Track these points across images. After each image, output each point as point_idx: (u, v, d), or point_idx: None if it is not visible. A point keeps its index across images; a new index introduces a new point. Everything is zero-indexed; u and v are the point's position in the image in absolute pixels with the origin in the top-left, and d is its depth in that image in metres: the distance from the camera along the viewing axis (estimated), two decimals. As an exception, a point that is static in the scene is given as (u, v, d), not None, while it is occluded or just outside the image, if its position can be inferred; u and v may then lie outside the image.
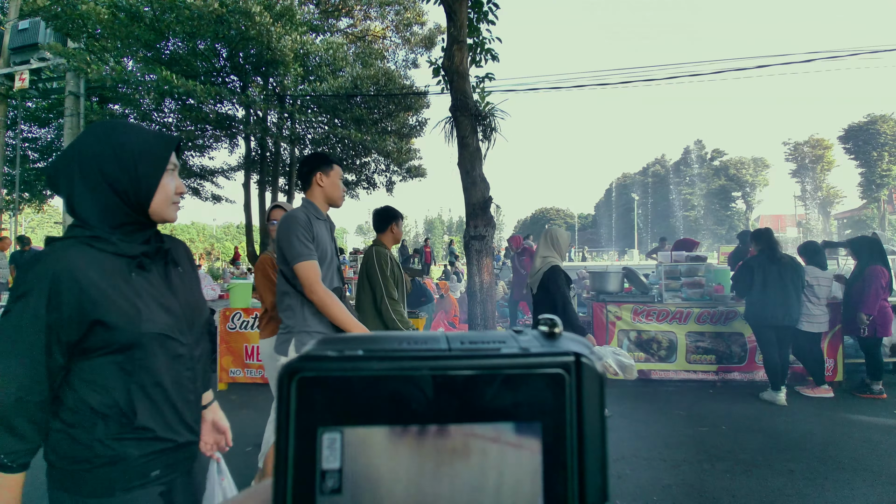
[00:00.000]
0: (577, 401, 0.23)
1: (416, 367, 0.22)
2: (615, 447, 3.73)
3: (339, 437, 0.22)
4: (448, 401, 0.22)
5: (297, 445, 0.22)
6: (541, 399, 0.22)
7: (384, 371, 0.22)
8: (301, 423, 0.22)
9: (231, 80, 11.15)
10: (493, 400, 0.22)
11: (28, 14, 11.11)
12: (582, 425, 0.22)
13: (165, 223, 1.16)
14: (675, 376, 5.43)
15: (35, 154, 14.50)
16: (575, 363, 0.23)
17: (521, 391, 0.22)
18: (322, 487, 0.21)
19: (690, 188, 52.08)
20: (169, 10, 8.75)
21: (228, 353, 5.56)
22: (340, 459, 0.21)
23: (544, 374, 0.23)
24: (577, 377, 0.23)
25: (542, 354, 0.23)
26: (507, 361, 0.23)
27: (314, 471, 0.21)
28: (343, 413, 0.22)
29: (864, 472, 3.25)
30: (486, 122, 5.98)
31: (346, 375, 0.22)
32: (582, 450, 0.22)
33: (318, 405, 0.22)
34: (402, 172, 14.02)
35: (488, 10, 6.16)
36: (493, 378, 0.22)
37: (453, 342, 0.24)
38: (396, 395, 0.22)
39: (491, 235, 5.56)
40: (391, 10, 12.87)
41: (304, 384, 0.22)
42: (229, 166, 13.96)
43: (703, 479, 3.21)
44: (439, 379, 0.22)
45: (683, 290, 5.61)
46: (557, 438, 0.22)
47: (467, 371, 0.22)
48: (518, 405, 0.22)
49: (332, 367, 0.22)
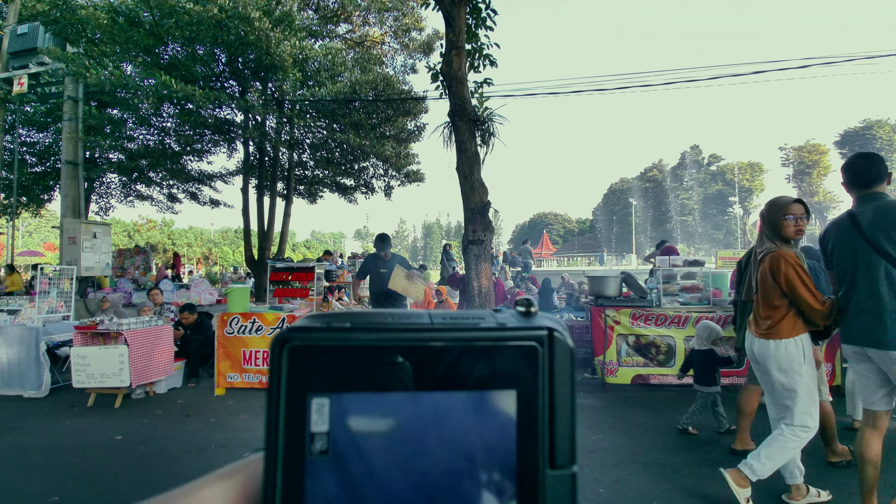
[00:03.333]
0: (550, 371, 0.24)
1: (400, 339, 0.24)
2: (614, 452, 3.73)
3: (327, 403, 0.23)
4: (429, 370, 0.24)
5: (288, 410, 0.23)
6: (516, 369, 0.24)
7: (369, 341, 0.24)
8: (291, 389, 0.23)
9: (230, 84, 11.16)
10: (472, 370, 0.24)
11: (27, 18, 11.13)
12: (553, 394, 0.24)
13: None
14: (673, 381, 5.42)
15: (33, 158, 14.46)
16: (548, 337, 0.24)
17: (498, 362, 0.24)
18: (311, 449, 0.23)
19: (688, 193, 52.23)
20: (168, 16, 8.77)
21: (226, 357, 5.54)
22: (328, 423, 0.23)
23: (519, 347, 0.24)
24: (550, 349, 0.24)
25: (517, 328, 0.25)
26: (485, 334, 0.24)
27: (304, 434, 0.23)
28: (331, 380, 0.23)
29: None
30: (485, 126, 6.00)
31: (333, 345, 0.23)
32: (553, 416, 0.24)
33: (308, 373, 0.23)
34: (400, 177, 14.02)
35: (486, 16, 6.20)
36: (472, 349, 0.24)
37: (435, 318, 0.25)
38: (381, 364, 0.23)
39: (489, 240, 5.57)
40: (390, 15, 12.92)
41: (294, 353, 0.23)
42: (228, 171, 13.94)
43: (701, 483, 3.20)
44: (421, 349, 0.24)
45: (681, 295, 5.62)
46: (531, 406, 0.24)
47: (447, 343, 0.24)
48: (495, 375, 0.24)
49: (321, 336, 0.24)
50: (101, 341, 5.20)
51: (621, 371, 5.46)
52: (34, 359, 5.48)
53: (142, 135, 12.22)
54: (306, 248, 61.07)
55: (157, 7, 8.70)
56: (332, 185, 14.73)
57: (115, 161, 12.71)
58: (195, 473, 1.00)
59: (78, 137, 10.22)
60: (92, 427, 4.46)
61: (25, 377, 5.49)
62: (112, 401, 5.09)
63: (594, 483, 3.22)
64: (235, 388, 5.51)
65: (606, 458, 3.59)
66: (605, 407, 4.87)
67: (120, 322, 5.24)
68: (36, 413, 4.92)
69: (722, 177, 51.02)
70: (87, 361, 4.97)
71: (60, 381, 5.83)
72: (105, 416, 4.79)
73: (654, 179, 56.29)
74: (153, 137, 12.18)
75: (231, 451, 3.84)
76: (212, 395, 5.45)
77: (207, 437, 4.14)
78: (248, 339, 5.51)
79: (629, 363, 5.47)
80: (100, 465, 3.62)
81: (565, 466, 0.24)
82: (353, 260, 13.04)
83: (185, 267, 31.22)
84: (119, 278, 12.06)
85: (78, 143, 10.35)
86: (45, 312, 6.08)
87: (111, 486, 3.27)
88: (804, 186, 47.64)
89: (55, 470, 3.55)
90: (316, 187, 14.91)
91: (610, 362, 5.46)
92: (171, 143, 12.10)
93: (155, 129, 11.92)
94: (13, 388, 5.52)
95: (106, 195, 15.28)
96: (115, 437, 4.16)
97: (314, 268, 6.50)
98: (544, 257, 40.43)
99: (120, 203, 15.71)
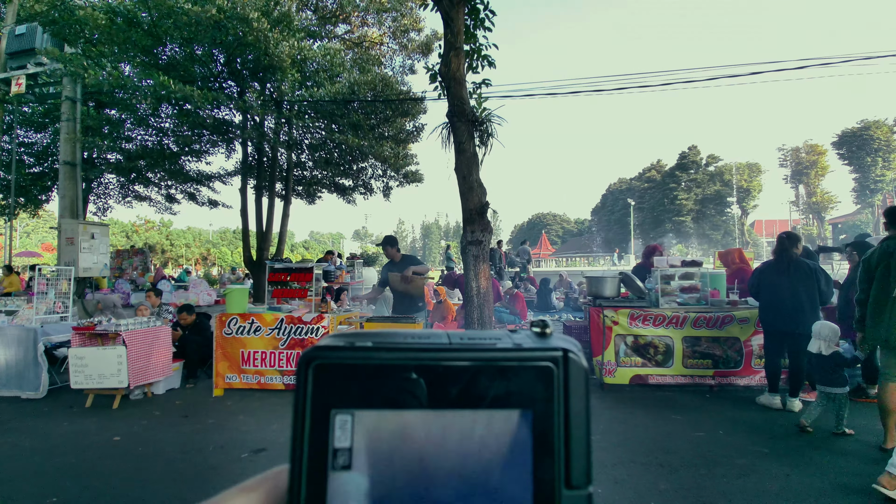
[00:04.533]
0: (565, 392, 0.24)
1: (420, 358, 0.25)
2: (613, 452, 3.73)
3: (350, 419, 0.24)
4: (448, 389, 0.24)
5: (312, 426, 0.24)
6: (532, 389, 0.24)
7: (391, 360, 0.24)
8: (316, 405, 0.24)
9: (228, 85, 11.15)
10: (489, 389, 0.24)
11: (25, 19, 11.11)
12: (568, 414, 0.24)
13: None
14: (672, 381, 5.43)
15: (31, 159, 14.44)
16: (563, 357, 0.25)
17: (514, 382, 0.24)
18: (334, 464, 0.24)
19: (686, 193, 52.28)
20: (166, 16, 8.75)
21: (224, 358, 5.53)
22: (351, 439, 0.24)
23: (535, 367, 0.25)
24: (565, 370, 0.25)
25: (533, 349, 0.25)
26: (502, 355, 0.25)
27: (327, 449, 0.24)
28: (354, 397, 0.24)
29: (860, 477, 3.25)
30: (483, 127, 6.00)
31: (356, 364, 0.24)
32: (568, 436, 0.24)
33: (332, 390, 0.24)
34: (399, 178, 14.02)
35: (485, 17, 6.20)
36: (489, 369, 0.24)
37: (453, 338, 0.26)
38: (402, 383, 0.24)
39: (488, 240, 5.57)
40: (388, 16, 12.91)
41: (319, 371, 0.24)
42: (226, 171, 13.91)
43: (700, 483, 3.21)
44: (440, 369, 0.24)
45: (680, 295, 5.63)
46: (546, 425, 0.24)
47: (465, 363, 0.24)
48: (511, 395, 0.24)
49: (345, 356, 0.24)
50: (99, 342, 5.19)
51: (620, 371, 5.47)
52: (32, 360, 5.47)
53: (140, 135, 12.21)
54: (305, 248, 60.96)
55: (155, 7, 8.69)
56: (330, 186, 14.72)
57: (113, 161, 12.70)
58: (193, 474, 1.01)
59: (76, 138, 10.20)
60: (90, 428, 4.45)
61: (23, 378, 5.48)
62: (110, 402, 5.08)
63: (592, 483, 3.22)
64: (234, 389, 5.51)
65: (605, 458, 3.59)
66: (604, 407, 4.88)
67: (118, 323, 5.23)
68: (34, 414, 4.91)
69: (720, 177, 51.08)
70: (85, 362, 4.96)
71: (58, 381, 5.82)
72: (103, 417, 4.78)
73: (653, 180, 56.34)
74: (151, 138, 12.17)
75: (229, 451, 3.84)
76: (210, 395, 5.44)
77: (206, 438, 4.13)
78: (247, 340, 5.51)
79: (627, 363, 5.48)
80: (98, 466, 3.61)
81: (581, 487, 0.24)
82: (351, 261, 13.04)
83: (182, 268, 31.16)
84: (117, 279, 12.04)
85: (76, 144, 10.32)
86: (43, 313, 6.07)
87: (109, 488, 3.27)
88: (802, 187, 47.75)
89: (53, 471, 3.54)
90: (314, 188, 14.90)
91: (608, 362, 5.46)
92: (169, 144, 12.09)
93: (153, 130, 11.91)
94: (11, 389, 5.51)
95: (104, 196, 15.24)
96: (113, 438, 4.15)
97: (313, 268, 6.49)
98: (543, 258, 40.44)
99: (118, 204, 15.65)
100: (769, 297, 4.77)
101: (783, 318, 4.65)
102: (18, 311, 6.23)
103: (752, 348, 5.34)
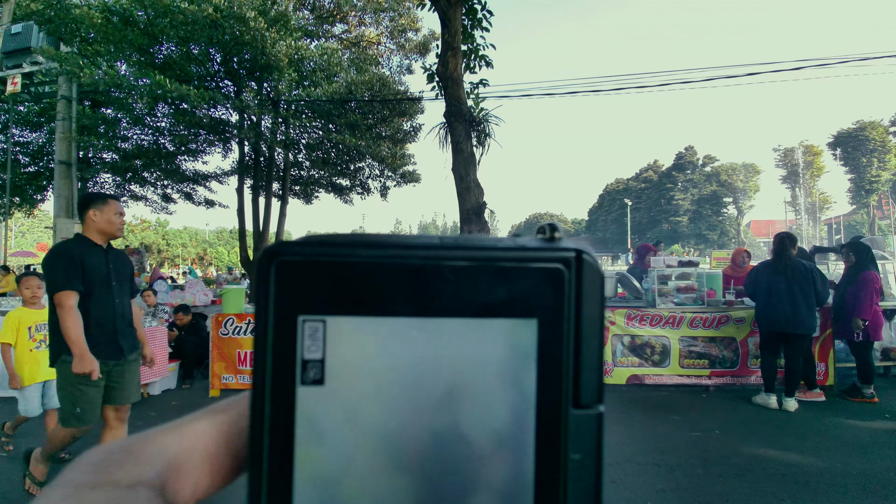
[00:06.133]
0: (577, 298, 0.21)
1: (405, 256, 0.21)
2: (609, 452, 3.73)
3: (321, 327, 0.20)
4: (439, 293, 0.21)
5: (277, 333, 0.20)
6: (538, 294, 0.21)
7: (372, 258, 0.21)
8: (281, 309, 0.20)
9: (225, 84, 11.12)
10: (487, 294, 0.21)
11: (21, 18, 11.04)
12: (580, 324, 0.21)
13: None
14: (668, 381, 5.44)
15: (26, 158, 14.33)
16: (576, 259, 0.21)
17: (518, 286, 0.21)
18: (303, 378, 0.20)
19: (683, 193, 52.45)
20: (162, 15, 8.73)
21: (221, 358, 5.51)
22: (323, 350, 0.20)
23: (542, 269, 0.21)
24: (577, 274, 0.21)
25: (540, 249, 0.22)
26: (503, 254, 0.21)
27: (294, 361, 0.20)
28: (327, 301, 0.20)
29: (855, 476, 3.27)
30: (481, 127, 6.01)
31: (330, 261, 0.21)
32: (578, 349, 0.21)
33: (300, 292, 0.20)
34: (396, 177, 14.02)
35: (482, 17, 6.21)
36: (487, 270, 0.21)
37: (446, 239, 0.22)
38: (384, 285, 0.21)
39: (485, 240, 5.57)
40: (386, 16, 12.92)
41: (284, 268, 0.20)
42: (223, 171, 13.88)
43: (696, 483, 3.22)
44: (430, 269, 0.21)
45: (676, 295, 5.65)
46: (554, 336, 0.21)
47: (460, 262, 0.21)
48: (513, 300, 0.21)
49: (316, 251, 0.21)
50: (94, 342, 5.16)
51: (616, 371, 5.48)
52: (27, 360, 5.43)
53: (136, 135, 12.16)
54: (302, 248, 60.71)
55: (151, 6, 8.66)
56: (327, 186, 14.70)
57: (108, 161, 12.63)
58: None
59: (71, 137, 10.15)
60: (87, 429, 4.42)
61: (18, 379, 5.44)
62: (106, 402, 5.04)
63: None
64: (230, 390, 5.49)
65: (602, 459, 3.59)
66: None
67: (114, 323, 5.20)
68: (28, 415, 4.87)
69: (717, 177, 51.27)
70: (81, 363, 4.92)
71: (53, 382, 5.79)
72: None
73: (650, 180, 56.51)
74: (147, 137, 12.12)
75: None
76: (206, 396, 5.42)
77: (202, 439, 4.11)
78: (243, 340, 5.49)
79: (624, 363, 5.49)
80: (93, 467, 3.59)
81: (591, 405, 0.21)
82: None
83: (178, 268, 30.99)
84: (113, 279, 11.96)
85: (71, 143, 10.28)
86: (38, 313, 6.03)
87: (105, 489, 3.24)
88: (798, 188, 47.95)
89: (49, 472, 3.52)
90: (311, 188, 14.88)
91: (605, 363, 5.47)
92: (165, 143, 12.05)
93: (149, 129, 11.86)
94: (5, 389, 5.47)
95: (100, 195, 15.17)
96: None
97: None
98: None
99: (114, 203, 15.54)
100: (766, 298, 4.79)
101: (780, 318, 4.66)
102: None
103: (748, 348, 5.36)
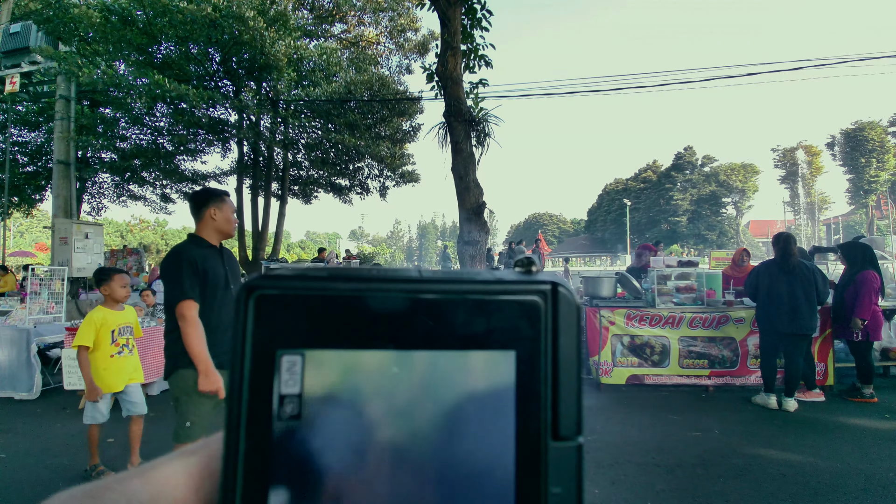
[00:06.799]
0: (553, 330, 0.21)
1: (384, 289, 0.21)
2: (609, 452, 3.73)
3: (299, 361, 0.20)
4: (417, 326, 0.21)
5: (254, 368, 0.20)
6: (515, 327, 0.21)
7: (350, 291, 0.21)
8: (259, 344, 0.20)
9: (224, 84, 11.12)
10: (465, 327, 0.21)
11: (20, 17, 11.02)
12: (557, 356, 0.21)
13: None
14: (668, 381, 5.44)
15: (24, 158, 14.31)
16: (552, 291, 0.22)
17: (495, 318, 0.21)
18: (280, 413, 0.20)
19: (682, 194, 52.49)
20: (161, 14, 8.72)
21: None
22: (301, 384, 0.20)
23: (519, 302, 0.21)
24: (554, 306, 0.21)
25: (517, 282, 0.22)
26: (481, 287, 0.21)
27: (271, 395, 0.20)
28: (305, 335, 0.20)
29: (855, 476, 3.27)
30: (480, 127, 6.00)
31: (309, 294, 0.20)
32: (556, 381, 0.21)
33: (279, 326, 0.20)
34: (395, 177, 14.02)
35: (482, 17, 6.20)
36: (465, 303, 0.21)
37: (425, 271, 0.22)
38: (363, 318, 0.21)
39: (484, 240, 5.57)
40: (385, 16, 12.92)
41: (263, 302, 0.20)
42: (222, 171, 13.87)
43: (696, 483, 3.21)
44: (409, 302, 0.21)
45: (676, 295, 5.64)
46: (532, 368, 0.21)
47: (438, 295, 0.21)
48: (491, 333, 0.21)
49: (294, 285, 0.21)
50: (93, 343, 5.14)
51: (616, 371, 5.47)
52: (25, 360, 5.42)
53: (135, 134, 12.15)
54: (301, 248, 60.88)
55: (150, 6, 8.65)
56: (326, 186, 14.71)
57: (107, 161, 12.62)
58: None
59: (70, 137, 10.13)
60: (83, 429, 4.41)
61: (16, 379, 5.43)
62: (104, 403, 5.03)
63: (589, 483, 3.22)
64: (229, 390, 5.48)
65: (601, 458, 3.59)
66: (600, 407, 4.89)
67: (112, 323, 5.19)
68: (27, 415, 4.86)
69: (715, 178, 51.30)
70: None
71: (52, 382, 5.77)
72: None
73: (649, 180, 56.54)
74: (146, 137, 12.11)
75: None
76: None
77: (201, 439, 4.10)
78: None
79: (624, 363, 5.48)
80: (92, 467, 3.58)
81: (570, 437, 0.21)
82: (347, 261, 13.02)
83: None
84: (112, 279, 11.94)
85: (70, 143, 10.26)
86: (37, 313, 6.02)
87: (103, 489, 3.23)
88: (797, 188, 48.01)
89: (46, 472, 3.51)
90: (311, 187, 14.88)
91: (605, 363, 5.47)
92: (164, 143, 12.04)
93: (148, 129, 11.85)
94: (4, 390, 5.46)
95: (98, 195, 15.14)
96: (106, 440, 4.12)
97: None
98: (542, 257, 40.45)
99: (112, 203, 15.54)
100: (767, 298, 4.79)
101: (781, 318, 4.66)
102: (11, 312, 6.18)
103: (747, 348, 5.36)
